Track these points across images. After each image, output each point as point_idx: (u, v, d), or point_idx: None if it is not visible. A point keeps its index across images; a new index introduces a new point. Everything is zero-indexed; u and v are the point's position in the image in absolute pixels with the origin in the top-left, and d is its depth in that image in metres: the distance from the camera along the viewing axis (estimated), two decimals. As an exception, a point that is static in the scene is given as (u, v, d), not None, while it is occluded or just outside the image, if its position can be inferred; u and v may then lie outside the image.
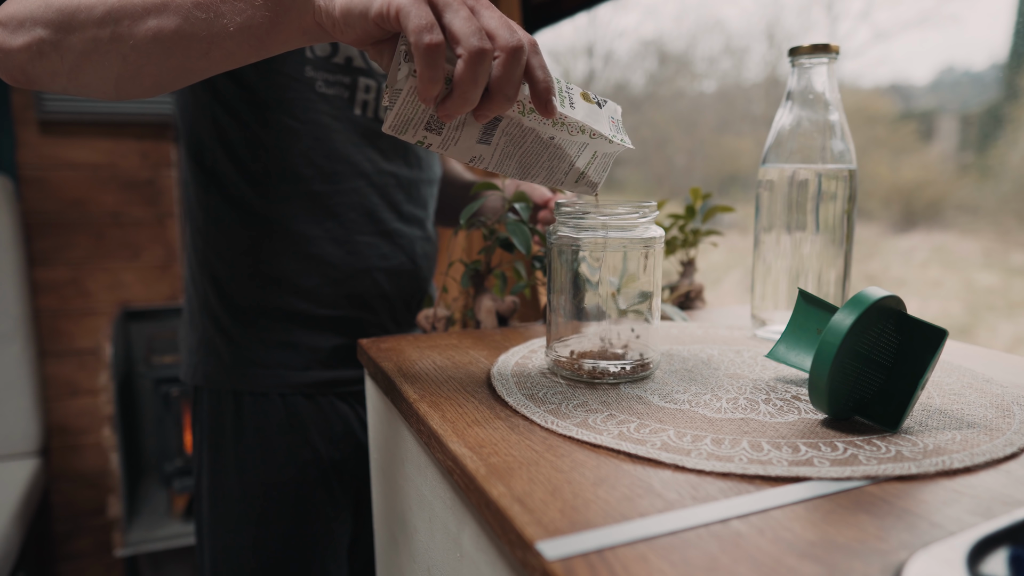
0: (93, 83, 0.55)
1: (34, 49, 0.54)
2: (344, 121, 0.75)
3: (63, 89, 0.57)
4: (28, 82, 0.58)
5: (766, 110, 1.22)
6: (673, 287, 0.84)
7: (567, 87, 0.47)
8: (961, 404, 0.46)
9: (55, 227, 1.75)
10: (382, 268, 0.79)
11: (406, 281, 0.82)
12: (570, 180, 0.50)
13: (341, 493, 0.81)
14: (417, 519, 0.52)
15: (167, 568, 1.67)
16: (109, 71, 0.53)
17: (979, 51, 0.85)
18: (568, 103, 0.46)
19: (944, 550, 0.28)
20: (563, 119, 0.45)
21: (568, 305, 0.52)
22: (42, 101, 1.67)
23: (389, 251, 0.80)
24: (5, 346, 1.63)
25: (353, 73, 0.75)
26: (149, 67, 0.52)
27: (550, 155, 0.48)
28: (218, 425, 0.77)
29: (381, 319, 0.81)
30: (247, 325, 0.77)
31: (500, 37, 0.41)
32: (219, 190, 0.76)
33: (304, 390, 0.78)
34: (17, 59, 0.55)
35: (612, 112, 0.49)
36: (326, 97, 0.74)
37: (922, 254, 0.96)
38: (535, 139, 0.47)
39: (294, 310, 0.77)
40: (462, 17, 0.41)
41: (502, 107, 0.43)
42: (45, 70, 0.55)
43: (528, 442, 0.40)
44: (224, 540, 0.77)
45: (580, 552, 0.29)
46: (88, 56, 0.53)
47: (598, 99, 0.49)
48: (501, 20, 0.42)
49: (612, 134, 0.47)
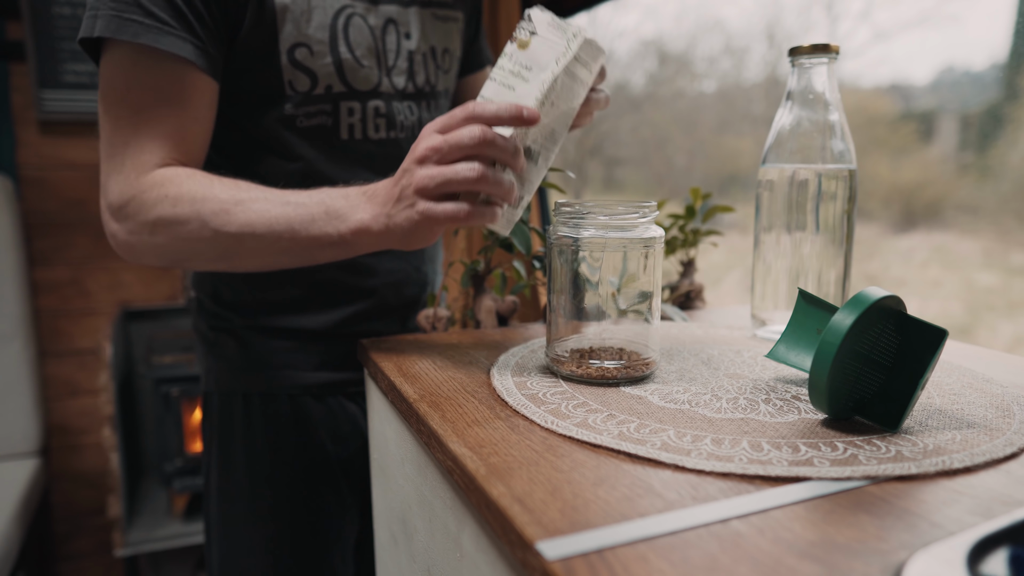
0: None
1: (148, 253, 0.64)
2: (332, 149, 0.73)
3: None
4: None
5: (766, 110, 1.22)
6: (673, 287, 0.84)
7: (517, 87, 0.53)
8: (961, 404, 0.46)
9: (55, 227, 1.75)
10: (390, 284, 0.79)
11: (412, 289, 0.82)
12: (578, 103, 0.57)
13: (348, 493, 0.81)
14: (417, 519, 0.52)
15: (167, 568, 1.67)
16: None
17: (979, 51, 0.85)
18: (544, 102, 0.52)
19: (944, 550, 0.28)
20: (544, 108, 0.52)
21: (568, 305, 0.52)
22: (42, 101, 1.67)
23: (393, 266, 0.79)
24: (5, 346, 1.63)
25: (334, 100, 0.72)
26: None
27: (562, 120, 0.56)
28: (227, 425, 0.77)
29: (391, 327, 0.81)
30: (256, 332, 0.77)
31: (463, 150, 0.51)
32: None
33: (313, 390, 0.78)
34: (127, 251, 0.65)
35: (543, 42, 0.53)
36: (308, 130, 0.71)
37: (922, 254, 0.96)
38: (548, 127, 0.55)
39: (301, 328, 0.77)
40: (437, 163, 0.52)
41: (518, 168, 0.53)
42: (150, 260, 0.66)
43: (528, 442, 0.40)
44: (233, 539, 0.77)
45: (580, 552, 0.29)
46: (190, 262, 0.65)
47: (526, 42, 0.53)
48: (454, 140, 0.50)
49: (560, 57, 0.52)
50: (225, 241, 0.60)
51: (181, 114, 0.63)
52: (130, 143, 0.62)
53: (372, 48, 0.72)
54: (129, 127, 0.62)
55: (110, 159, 0.63)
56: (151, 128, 0.62)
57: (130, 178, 0.62)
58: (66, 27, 1.66)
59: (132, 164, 0.62)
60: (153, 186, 0.61)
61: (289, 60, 0.68)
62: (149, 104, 0.62)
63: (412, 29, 0.76)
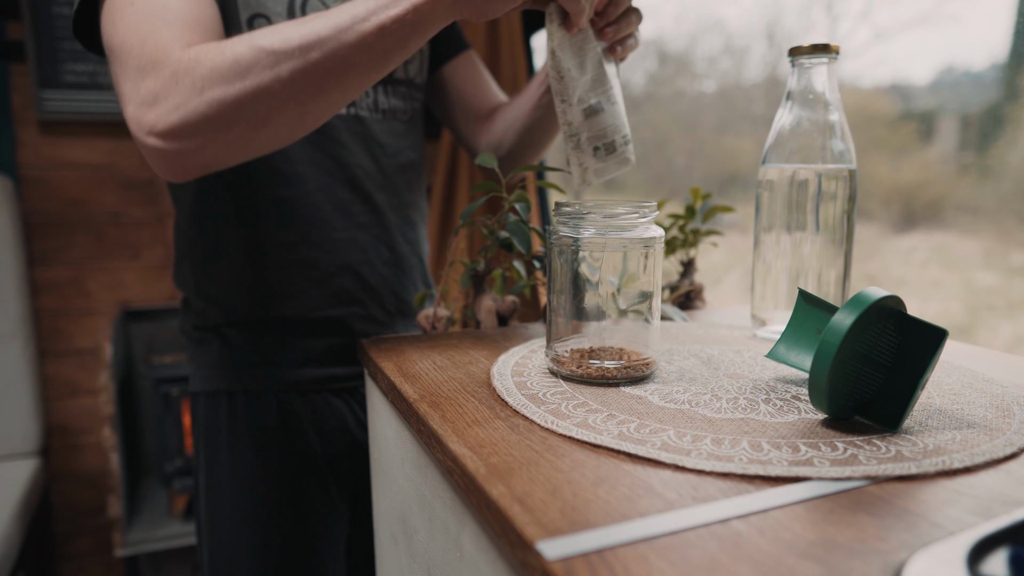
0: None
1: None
2: None
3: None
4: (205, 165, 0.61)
5: (766, 110, 1.22)
6: (673, 287, 0.84)
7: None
8: (961, 404, 0.46)
9: (55, 227, 1.75)
10: (363, 261, 0.79)
11: (390, 270, 0.82)
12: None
13: (337, 490, 0.81)
14: (417, 519, 0.52)
15: (167, 568, 1.67)
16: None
17: (979, 51, 0.85)
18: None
19: (944, 550, 0.28)
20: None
21: (568, 305, 0.52)
22: (42, 101, 1.67)
23: (367, 243, 0.80)
24: (5, 346, 1.63)
25: None
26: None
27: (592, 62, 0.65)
28: (213, 425, 0.77)
29: (371, 311, 0.81)
30: (239, 328, 0.77)
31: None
32: (193, 207, 0.76)
33: (298, 387, 0.78)
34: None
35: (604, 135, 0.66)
36: None
37: (922, 254, 0.96)
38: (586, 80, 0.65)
39: (283, 317, 0.77)
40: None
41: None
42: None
43: (528, 442, 0.40)
44: (222, 539, 0.77)
45: (580, 552, 0.29)
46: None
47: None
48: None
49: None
50: (290, 64, 0.55)
51: (196, 11, 0.62)
52: (148, 39, 0.58)
53: None
54: (144, 24, 0.59)
55: (127, 66, 0.58)
56: (170, 20, 0.59)
57: (161, 66, 0.57)
58: (66, 27, 1.66)
59: (157, 54, 0.57)
60: (188, 52, 0.57)
61: (249, 29, 0.69)
62: (161, 3, 0.60)
63: None
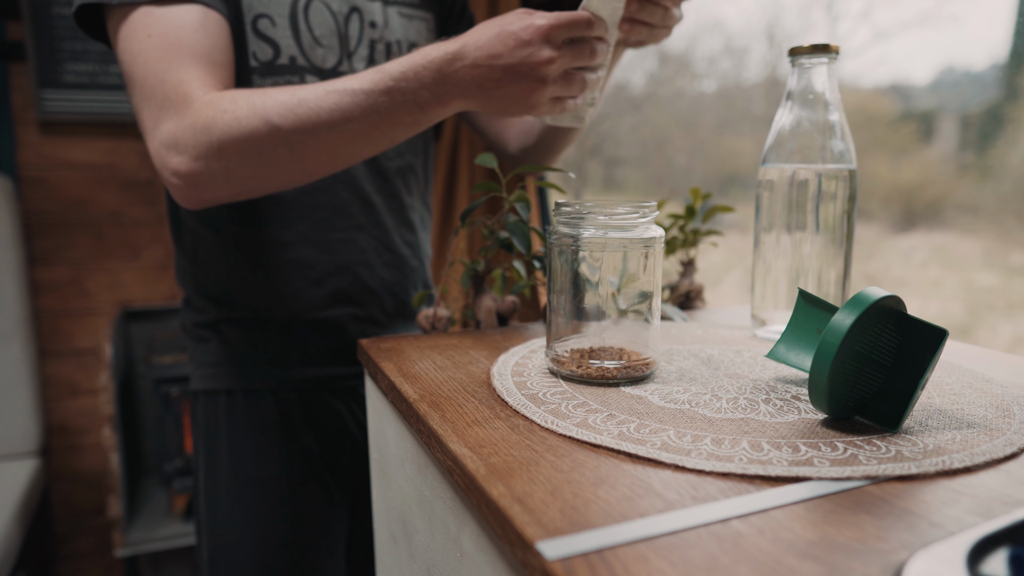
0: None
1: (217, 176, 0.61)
2: None
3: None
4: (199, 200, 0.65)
5: (766, 110, 1.22)
6: (673, 287, 0.84)
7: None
8: (961, 404, 0.46)
9: (55, 227, 1.75)
10: (361, 262, 0.79)
11: (388, 271, 0.82)
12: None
13: (336, 490, 0.81)
14: (417, 519, 0.52)
15: (167, 568, 1.67)
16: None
17: (979, 51, 0.85)
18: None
19: (944, 550, 0.28)
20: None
21: (568, 305, 0.52)
22: (42, 101, 1.67)
23: (366, 244, 0.80)
24: (5, 346, 1.63)
25: (299, 72, 0.73)
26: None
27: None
28: (213, 424, 0.77)
29: (371, 312, 0.81)
30: (238, 326, 0.77)
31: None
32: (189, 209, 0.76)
33: (297, 387, 0.78)
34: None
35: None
36: None
37: (922, 254, 0.96)
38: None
39: (282, 316, 0.77)
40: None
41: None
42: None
43: (528, 442, 0.40)
44: (221, 539, 0.77)
45: (580, 552, 0.29)
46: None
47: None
48: None
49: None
50: (300, 141, 0.59)
51: (207, 42, 0.63)
52: (166, 79, 0.61)
53: (334, 30, 0.74)
54: (162, 63, 0.61)
55: (148, 102, 0.62)
56: (184, 58, 0.62)
57: (179, 109, 0.60)
58: (66, 27, 1.66)
59: (175, 96, 0.61)
60: (205, 107, 0.60)
61: (253, 30, 0.70)
62: (175, 38, 0.62)
63: (377, 20, 0.78)
